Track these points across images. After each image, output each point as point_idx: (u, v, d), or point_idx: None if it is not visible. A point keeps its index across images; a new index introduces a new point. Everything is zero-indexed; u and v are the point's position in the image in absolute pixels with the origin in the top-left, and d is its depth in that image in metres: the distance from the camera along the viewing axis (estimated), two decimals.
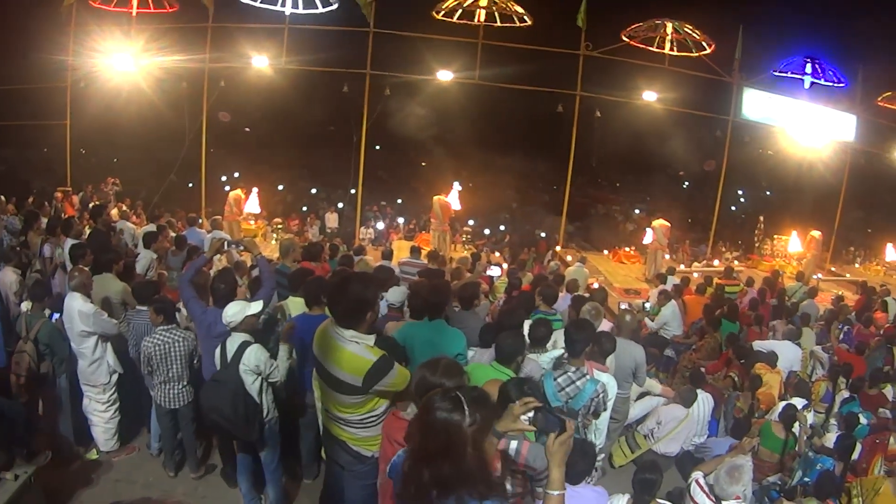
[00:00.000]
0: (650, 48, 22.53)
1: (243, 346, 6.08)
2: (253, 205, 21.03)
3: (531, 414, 3.31)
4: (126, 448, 7.77)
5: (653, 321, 13.13)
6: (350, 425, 4.80)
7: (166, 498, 7.01)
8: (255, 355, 6.07)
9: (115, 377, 7.49)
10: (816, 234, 21.30)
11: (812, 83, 23.33)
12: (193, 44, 20.76)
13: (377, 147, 31.26)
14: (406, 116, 27.55)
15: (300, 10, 20.89)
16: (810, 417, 9.35)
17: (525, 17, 21.75)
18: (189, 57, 20.72)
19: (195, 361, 7.04)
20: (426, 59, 21.93)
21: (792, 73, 23.38)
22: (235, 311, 6.15)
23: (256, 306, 6.31)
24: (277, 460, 6.61)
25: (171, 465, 7.37)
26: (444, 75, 21.74)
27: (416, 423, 3.20)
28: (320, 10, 21.05)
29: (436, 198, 19.81)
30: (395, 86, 22.53)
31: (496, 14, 21.67)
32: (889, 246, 24.09)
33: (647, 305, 14.70)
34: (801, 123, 23.27)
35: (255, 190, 21.23)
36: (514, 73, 22.57)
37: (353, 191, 25.32)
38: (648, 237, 21.45)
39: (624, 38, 22.27)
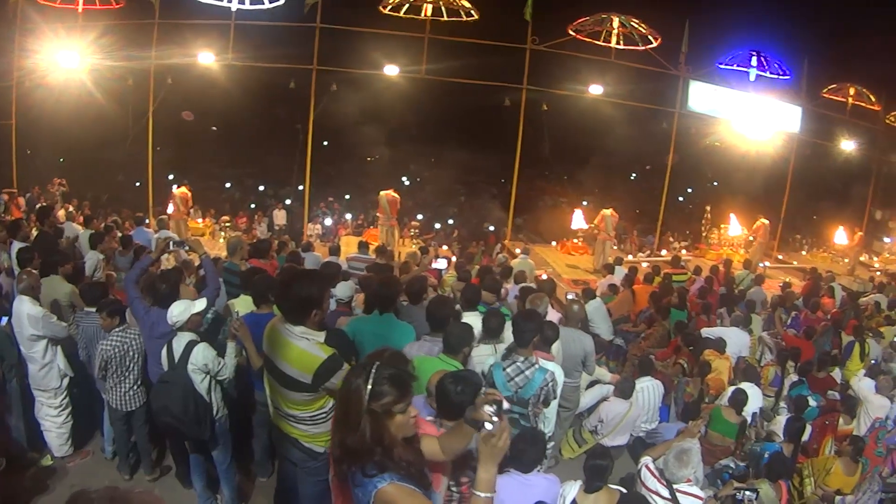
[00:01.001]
0: (597, 42, 22.68)
1: (190, 346, 6.09)
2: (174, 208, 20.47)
3: (495, 407, 3.26)
4: (80, 453, 7.68)
5: None
6: (301, 422, 4.81)
7: (132, 488, 6.97)
8: (202, 354, 6.08)
9: (66, 381, 7.41)
10: (765, 221, 21.62)
11: (757, 76, 23.64)
12: (140, 41, 20.49)
13: (325, 143, 31.21)
14: (353, 112, 27.53)
15: (246, 6, 20.72)
16: (760, 401, 9.54)
17: (472, 12, 21.78)
18: (136, 54, 20.45)
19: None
20: (373, 54, 21.89)
21: (738, 65, 23.68)
22: (181, 310, 6.15)
23: (201, 304, 6.32)
24: (230, 459, 6.60)
25: (125, 468, 7.31)
26: (391, 70, 21.68)
27: None
28: (267, 5, 20.92)
29: (383, 193, 19.80)
30: (342, 81, 22.49)
31: (443, 8, 21.69)
32: (841, 229, 24.43)
33: None
34: (747, 115, 23.58)
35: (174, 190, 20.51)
36: (461, 68, 22.57)
37: (300, 187, 25.24)
38: (577, 219, 21.63)
39: (570, 33, 22.35)
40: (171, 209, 19.55)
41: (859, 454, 7.86)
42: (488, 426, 3.14)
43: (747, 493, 6.46)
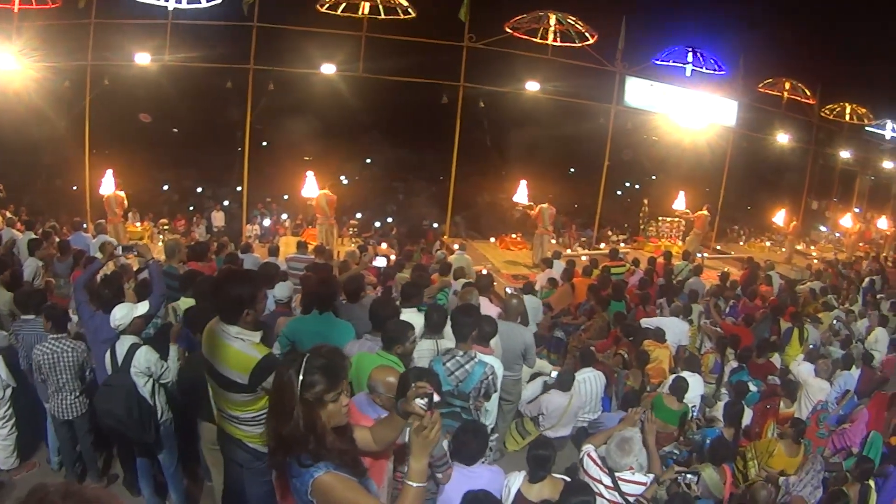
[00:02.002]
0: (534, 39, 22.81)
1: (133, 349, 6.09)
2: (108, 186, 19.49)
3: (426, 399, 3.32)
4: (26, 465, 7.59)
5: None
6: (244, 423, 4.81)
7: (86, 485, 6.91)
8: (144, 357, 6.08)
9: (8, 391, 7.30)
10: (705, 212, 21.98)
11: (693, 71, 23.97)
12: (77, 41, 20.13)
13: (264, 143, 31.04)
14: (291, 111, 27.41)
15: (183, 6, 20.47)
16: (702, 388, 9.72)
17: (409, 10, 21.75)
18: (72, 54, 20.11)
19: (87, 373, 6.91)
20: (310, 53, 21.77)
21: (673, 61, 23.95)
22: (124, 313, 6.14)
23: (143, 307, 6.31)
24: (177, 463, 6.62)
25: (72, 478, 7.22)
26: (328, 69, 21.59)
27: None
28: (204, 4, 20.73)
29: (321, 192, 19.76)
30: (279, 81, 22.40)
31: (380, 6, 21.62)
32: (782, 211, 24.85)
33: None
34: (683, 109, 23.95)
35: (109, 171, 19.69)
36: (399, 66, 22.62)
37: (238, 188, 25.06)
38: (521, 191, 21.73)
39: (507, 30, 22.42)
40: (105, 189, 19.20)
41: (801, 436, 8.09)
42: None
43: (689, 476, 6.58)
